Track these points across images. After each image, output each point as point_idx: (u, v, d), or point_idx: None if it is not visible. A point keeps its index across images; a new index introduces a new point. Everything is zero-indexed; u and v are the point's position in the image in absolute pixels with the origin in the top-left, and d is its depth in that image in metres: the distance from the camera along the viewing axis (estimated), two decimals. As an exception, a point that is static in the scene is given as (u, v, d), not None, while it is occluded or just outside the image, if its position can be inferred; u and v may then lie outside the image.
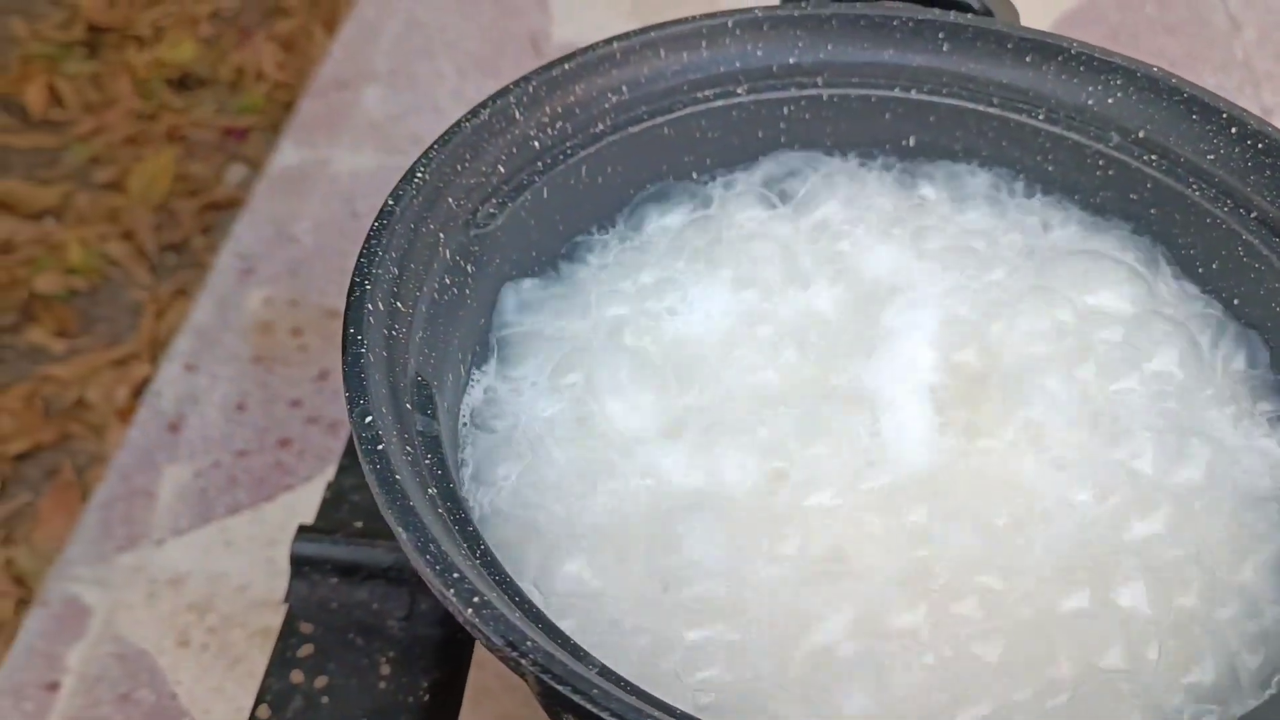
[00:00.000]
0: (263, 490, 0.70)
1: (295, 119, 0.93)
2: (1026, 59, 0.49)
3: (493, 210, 0.44)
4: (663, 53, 0.48)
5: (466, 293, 0.43)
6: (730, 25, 0.48)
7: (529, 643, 0.30)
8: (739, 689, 0.37)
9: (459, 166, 0.43)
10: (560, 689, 0.29)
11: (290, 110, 1.01)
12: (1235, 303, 0.47)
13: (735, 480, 0.42)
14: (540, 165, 0.46)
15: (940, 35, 0.49)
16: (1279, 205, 0.45)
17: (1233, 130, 0.46)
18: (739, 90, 0.49)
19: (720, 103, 0.49)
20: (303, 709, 0.47)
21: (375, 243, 0.39)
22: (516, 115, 0.45)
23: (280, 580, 0.65)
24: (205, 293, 0.80)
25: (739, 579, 0.39)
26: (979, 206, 0.51)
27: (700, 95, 0.49)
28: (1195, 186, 0.47)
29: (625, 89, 0.47)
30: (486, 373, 0.45)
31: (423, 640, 0.49)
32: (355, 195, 0.87)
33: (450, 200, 0.42)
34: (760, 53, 0.49)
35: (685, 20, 0.48)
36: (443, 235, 0.42)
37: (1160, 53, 0.96)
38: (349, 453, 0.56)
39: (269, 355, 0.76)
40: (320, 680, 0.48)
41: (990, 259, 0.49)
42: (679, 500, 0.41)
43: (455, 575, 0.31)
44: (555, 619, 0.33)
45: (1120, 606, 0.39)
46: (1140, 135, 0.48)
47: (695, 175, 0.50)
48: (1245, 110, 0.46)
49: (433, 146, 0.42)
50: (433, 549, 0.31)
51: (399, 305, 0.38)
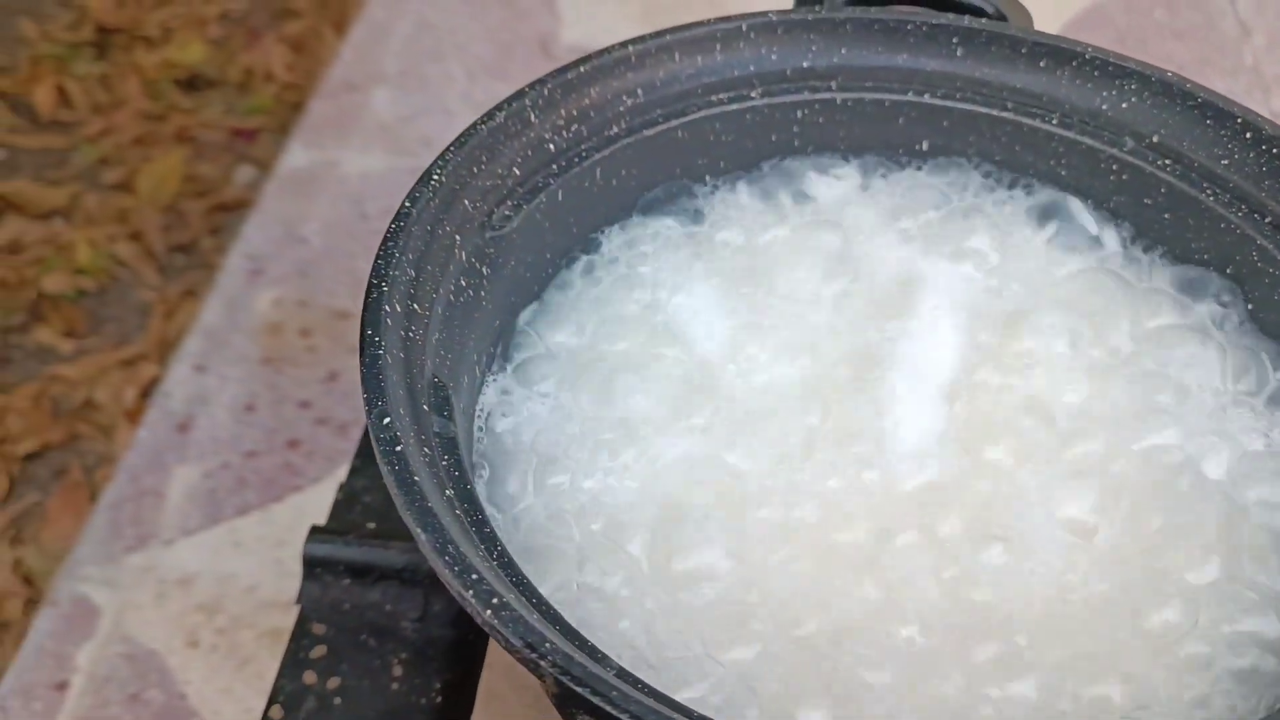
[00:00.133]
0: (272, 491, 0.70)
1: (304, 120, 0.94)
2: (1040, 64, 0.49)
3: (508, 212, 0.44)
4: (677, 56, 0.48)
5: (482, 295, 0.43)
6: (744, 29, 0.48)
7: (548, 644, 0.30)
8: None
9: (475, 169, 0.43)
10: (579, 690, 0.29)
11: (299, 111, 1.01)
12: (1249, 307, 0.47)
13: (748, 473, 0.42)
14: (555, 168, 0.46)
15: (954, 40, 0.49)
16: (1293, 210, 0.45)
17: (1247, 135, 0.46)
18: (753, 94, 0.49)
19: (734, 106, 0.49)
20: (315, 710, 0.47)
21: (392, 245, 0.39)
22: (532, 118, 0.45)
23: (289, 581, 0.65)
24: (214, 294, 0.80)
25: (749, 582, 0.39)
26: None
27: (714, 99, 0.49)
28: (1209, 191, 0.47)
29: (640, 92, 0.47)
30: (501, 374, 0.45)
31: (435, 641, 0.49)
32: (364, 197, 0.87)
33: (466, 202, 0.42)
34: (774, 56, 0.49)
35: (699, 24, 0.48)
36: (459, 237, 0.42)
37: (1169, 58, 0.96)
38: (360, 454, 0.56)
39: (278, 356, 0.76)
40: (333, 681, 0.48)
41: (1003, 267, 0.49)
42: (691, 506, 0.41)
43: (474, 576, 0.31)
44: (570, 619, 0.33)
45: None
46: (1154, 140, 0.48)
47: (708, 178, 0.51)
48: (1260, 115, 0.46)
49: (449, 149, 0.42)
50: (451, 550, 0.31)
51: (416, 307, 0.38)
